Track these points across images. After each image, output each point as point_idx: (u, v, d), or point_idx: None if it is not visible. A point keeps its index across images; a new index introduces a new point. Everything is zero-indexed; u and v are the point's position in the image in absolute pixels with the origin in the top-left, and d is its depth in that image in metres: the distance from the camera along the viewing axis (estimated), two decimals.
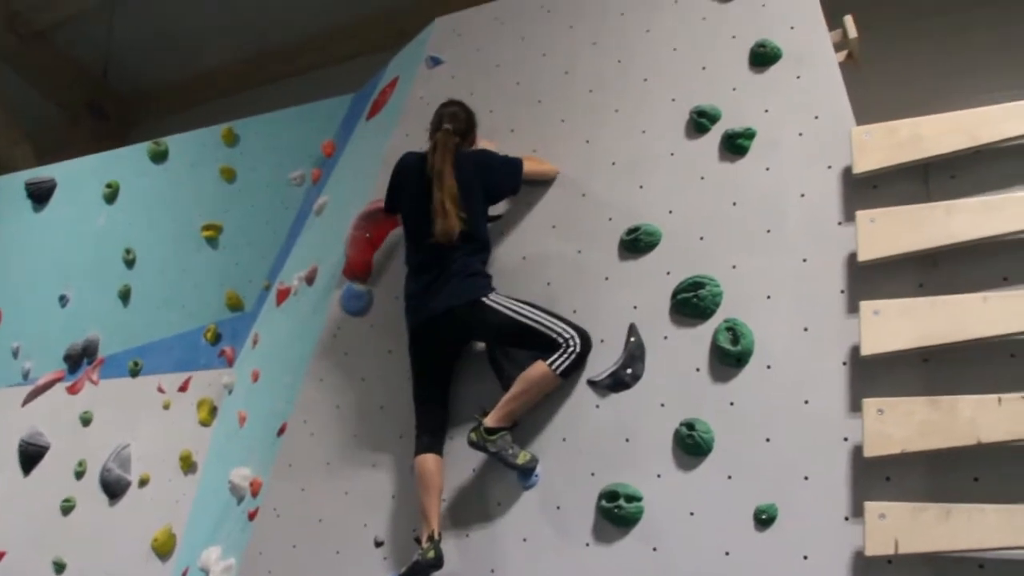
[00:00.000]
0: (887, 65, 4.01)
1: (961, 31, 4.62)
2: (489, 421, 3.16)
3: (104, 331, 5.45)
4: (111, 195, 5.74)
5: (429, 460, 3.33)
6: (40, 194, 5.94)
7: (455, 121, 3.56)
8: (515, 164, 3.52)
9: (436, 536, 3.16)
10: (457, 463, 3.42)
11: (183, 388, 5.07)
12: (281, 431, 4.00)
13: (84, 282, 5.59)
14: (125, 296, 5.47)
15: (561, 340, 3.19)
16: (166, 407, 5.05)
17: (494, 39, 4.12)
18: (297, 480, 3.79)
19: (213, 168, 5.52)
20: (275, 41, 8.52)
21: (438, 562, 3.11)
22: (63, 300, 5.59)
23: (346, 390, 3.85)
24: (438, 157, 3.43)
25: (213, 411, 4.92)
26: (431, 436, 3.40)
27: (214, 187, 5.50)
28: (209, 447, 4.77)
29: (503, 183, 3.51)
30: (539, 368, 3.17)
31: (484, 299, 3.30)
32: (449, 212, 3.31)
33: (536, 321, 3.23)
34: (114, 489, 4.86)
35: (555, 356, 3.17)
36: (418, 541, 3.22)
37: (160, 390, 5.11)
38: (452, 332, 3.40)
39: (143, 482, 4.84)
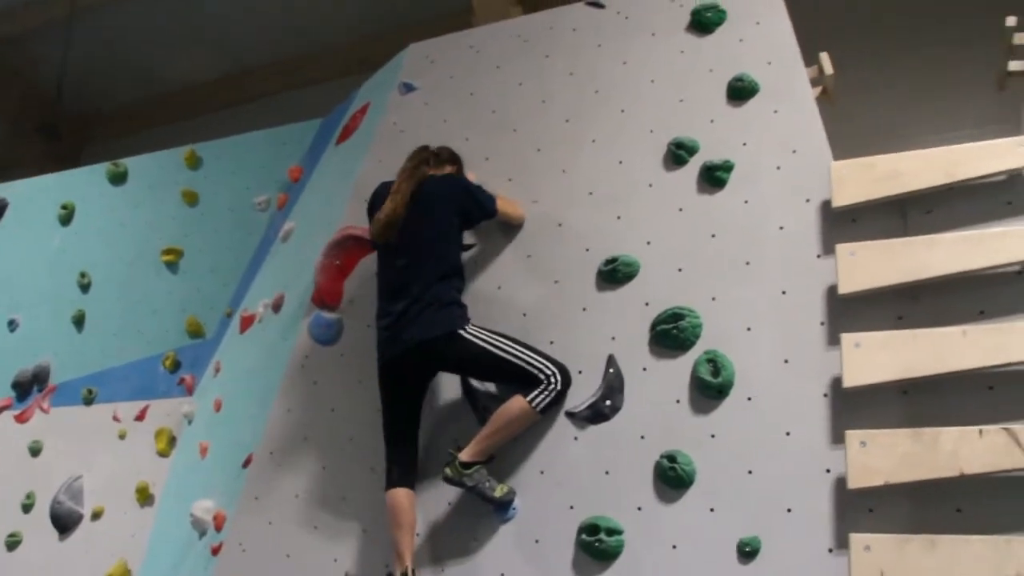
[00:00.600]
0: (859, 100, 4.09)
1: (932, 69, 4.75)
2: (464, 455, 3.10)
3: (56, 357, 5.28)
4: (66, 216, 5.58)
5: (401, 494, 3.24)
6: None
7: (436, 152, 3.55)
8: (488, 194, 3.47)
9: (410, 572, 3.08)
10: (431, 497, 3.35)
11: (140, 417, 4.94)
12: (247, 463, 3.88)
13: (36, 306, 5.40)
14: (79, 321, 5.31)
15: (542, 376, 3.14)
16: (122, 436, 4.91)
17: (469, 67, 4.10)
18: (264, 513, 3.67)
19: (174, 191, 5.41)
20: (236, 65, 8.45)
21: None
22: (12, 325, 5.40)
23: (315, 421, 3.76)
24: (402, 175, 3.42)
25: (172, 441, 4.79)
26: (403, 470, 3.31)
27: (175, 210, 5.39)
28: (168, 478, 4.63)
29: (477, 207, 3.42)
30: (518, 404, 3.11)
31: (461, 331, 3.22)
32: (395, 206, 3.29)
33: (516, 356, 3.17)
34: (65, 522, 4.69)
35: (535, 392, 3.11)
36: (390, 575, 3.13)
37: (115, 419, 4.96)
38: (426, 364, 3.32)
39: (96, 515, 4.69)
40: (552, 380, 3.14)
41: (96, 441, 4.94)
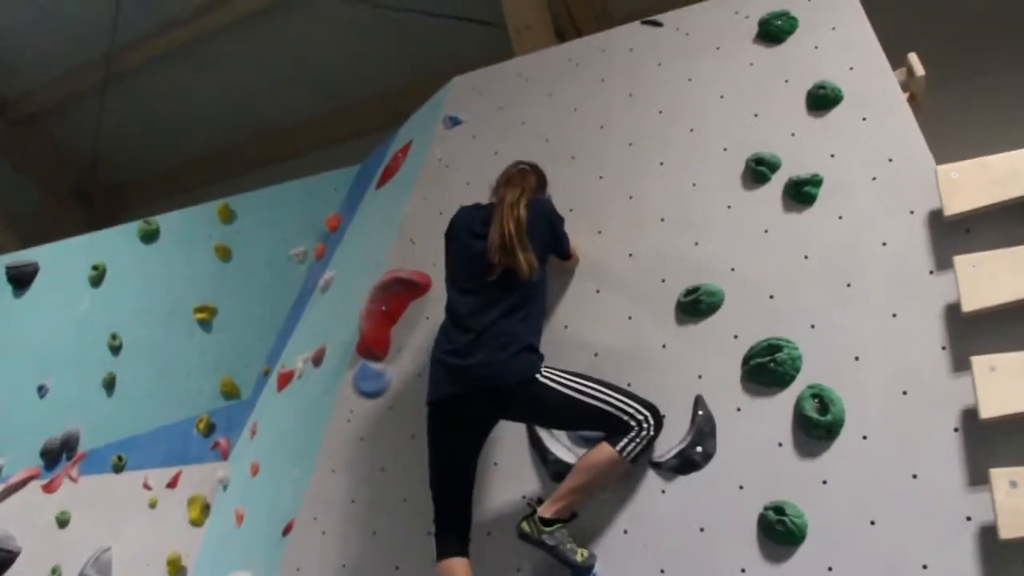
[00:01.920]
0: (947, 107, 3.76)
1: None
2: (545, 511, 2.71)
3: (86, 424, 5.00)
4: (97, 278, 5.36)
5: (457, 565, 2.81)
6: (21, 278, 5.54)
7: (527, 172, 3.19)
8: (564, 231, 3.14)
9: None
10: (494, 564, 2.96)
11: (172, 484, 4.62)
12: (287, 530, 3.54)
13: (65, 371, 5.15)
14: (109, 385, 5.04)
15: (633, 423, 2.76)
16: (152, 505, 4.60)
17: (518, 96, 3.85)
18: None
19: (207, 246, 5.18)
20: (265, 125, 8.35)
21: None
22: (41, 391, 5.13)
23: (363, 482, 3.41)
24: (511, 190, 3.00)
25: (206, 509, 4.46)
26: (456, 535, 2.88)
27: (208, 266, 5.15)
28: (201, 549, 4.29)
29: (555, 242, 3.07)
30: (606, 453, 2.72)
31: (537, 375, 2.82)
32: (520, 245, 2.83)
33: (602, 400, 2.77)
34: None
35: (626, 440, 2.73)
36: None
37: (146, 487, 4.65)
38: (492, 410, 2.90)
39: None
40: (644, 425, 2.76)
41: (126, 510, 4.63)
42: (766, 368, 2.78)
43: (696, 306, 3.00)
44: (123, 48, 7.33)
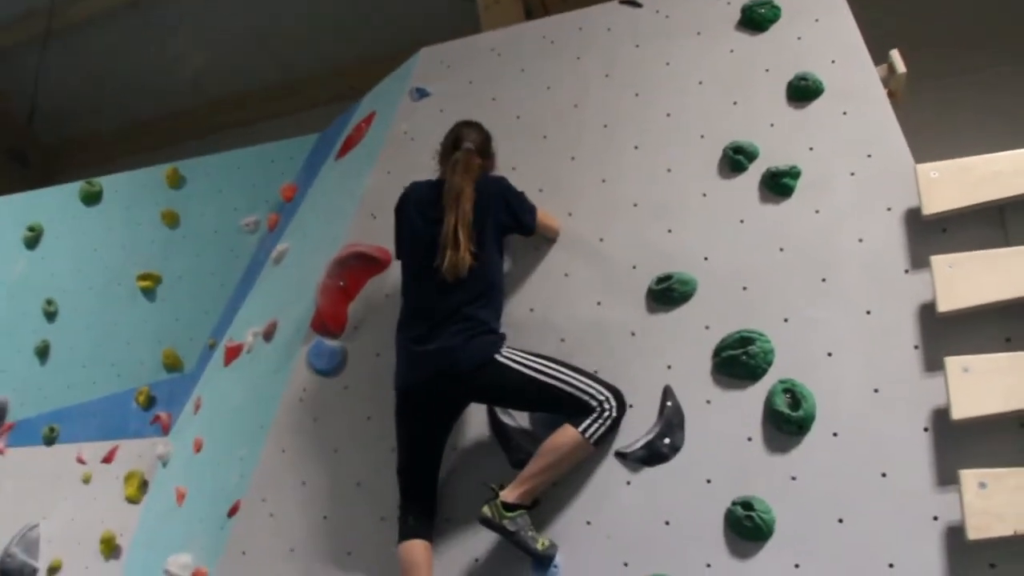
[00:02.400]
0: (926, 105, 3.76)
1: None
2: (508, 495, 2.64)
3: (15, 392, 4.79)
4: (33, 239, 5.11)
5: (417, 547, 2.78)
6: None
7: (475, 142, 3.09)
8: (531, 204, 3.07)
9: None
10: (451, 550, 2.88)
11: (108, 459, 4.44)
12: (233, 511, 3.40)
13: None
14: (43, 353, 4.82)
15: (595, 403, 2.71)
16: (86, 480, 4.42)
17: (490, 71, 3.73)
18: (253, 570, 3.19)
19: (153, 212, 4.96)
20: (216, 93, 8.05)
21: None
22: None
23: (315, 463, 3.28)
24: (458, 177, 2.93)
25: (144, 486, 4.28)
26: (419, 518, 2.85)
27: (154, 233, 4.93)
28: (137, 528, 4.11)
29: (515, 220, 3.00)
30: (569, 435, 2.67)
31: (497, 356, 2.78)
32: (461, 243, 2.80)
33: (563, 380, 2.73)
34: None
35: (588, 421, 2.68)
36: None
37: (80, 461, 4.47)
38: (455, 395, 2.87)
39: (53, 570, 4.17)
40: (607, 406, 2.72)
41: (57, 485, 4.44)
42: (738, 360, 2.74)
43: (668, 294, 2.93)
44: (68, 1, 6.97)
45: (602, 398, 2.72)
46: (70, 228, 5.07)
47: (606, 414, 2.70)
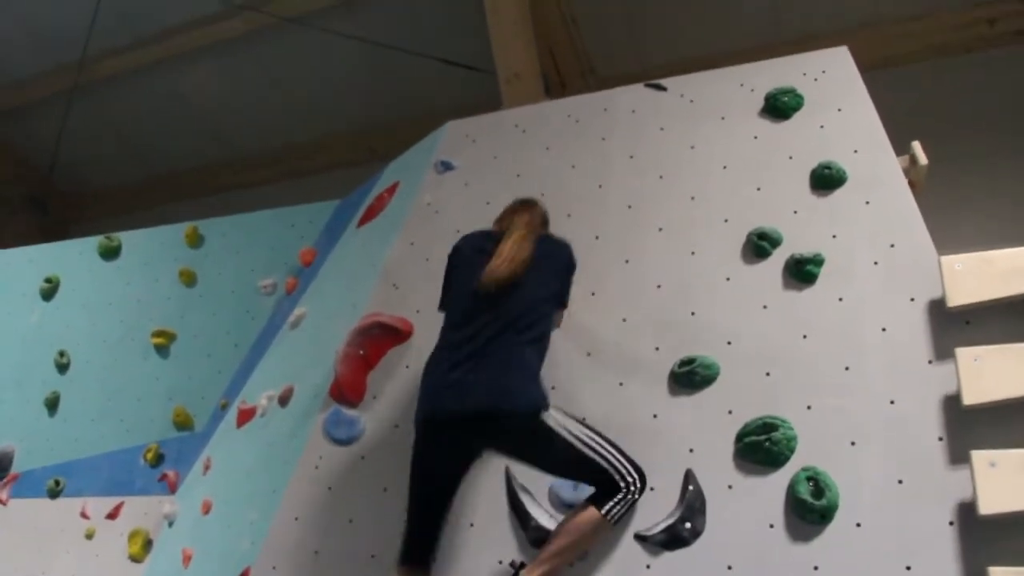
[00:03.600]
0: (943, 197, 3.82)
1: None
2: (529, 575, 2.61)
3: (22, 442, 4.78)
4: (49, 291, 5.14)
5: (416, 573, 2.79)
6: None
7: (540, 213, 3.16)
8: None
9: None
10: None
11: (112, 515, 4.43)
12: None
13: (5, 384, 4.92)
14: (52, 404, 4.83)
15: (623, 483, 2.68)
16: (89, 536, 4.40)
17: (515, 147, 3.80)
18: None
19: (171, 269, 5.01)
20: (236, 152, 8.18)
21: None
22: None
23: (329, 533, 3.25)
24: (518, 220, 2.99)
25: (148, 544, 4.27)
26: (423, 546, 2.81)
27: (170, 290, 4.97)
28: None
29: (566, 290, 3.02)
30: (590, 515, 2.65)
31: (544, 415, 2.67)
32: (511, 257, 2.79)
33: (600, 453, 2.69)
34: None
35: (612, 503, 2.66)
36: None
37: (84, 515, 4.46)
38: (489, 437, 2.73)
39: None
40: (632, 488, 2.69)
41: (59, 540, 4.42)
42: (760, 447, 2.73)
43: (691, 378, 2.94)
44: (95, 58, 7.12)
45: (631, 479, 2.69)
46: (87, 281, 5.12)
47: (630, 496, 2.68)
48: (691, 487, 2.77)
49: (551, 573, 2.64)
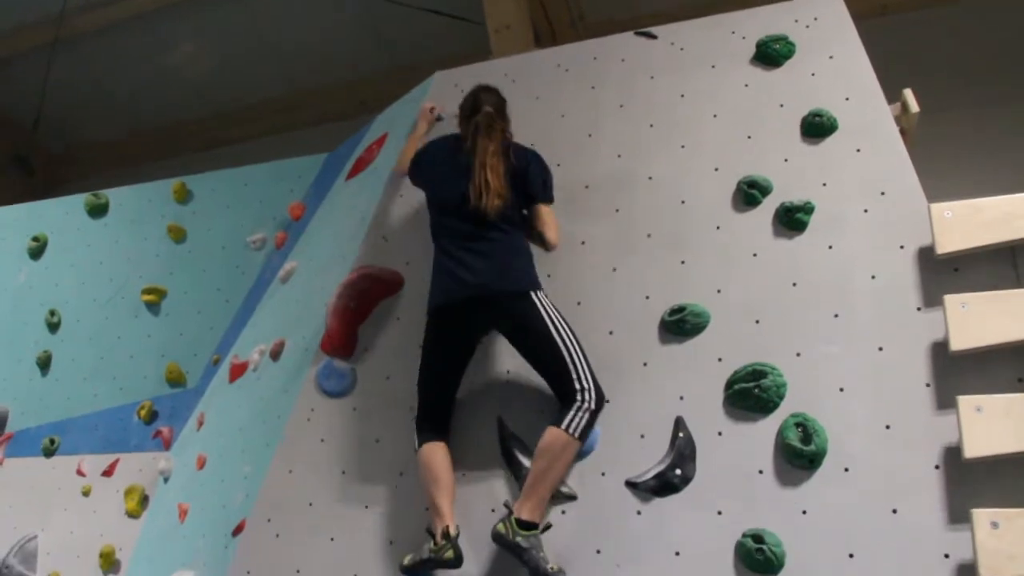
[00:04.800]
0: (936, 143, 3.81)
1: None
2: (521, 511, 2.67)
3: (15, 402, 4.79)
4: (37, 249, 5.10)
5: (438, 450, 2.95)
6: None
7: (494, 105, 3.23)
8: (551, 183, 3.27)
9: (452, 532, 2.74)
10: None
11: (108, 472, 4.43)
12: (238, 530, 3.38)
13: None
14: (44, 364, 4.81)
15: (578, 387, 2.80)
16: (86, 493, 4.42)
17: (504, 97, 3.75)
18: None
19: (160, 226, 4.96)
20: (223, 106, 8.07)
21: (457, 561, 2.72)
22: None
23: (322, 484, 3.27)
24: (483, 136, 3.11)
25: (144, 500, 4.28)
26: (438, 425, 3.03)
27: (159, 247, 4.93)
28: (138, 543, 4.10)
29: (548, 186, 3.22)
30: (556, 436, 2.75)
31: (533, 294, 2.92)
32: (498, 192, 2.98)
33: (569, 350, 2.86)
34: None
35: (568, 419, 2.76)
36: (431, 534, 2.82)
37: (80, 473, 4.47)
38: (489, 318, 3.01)
39: None
40: (586, 397, 2.80)
41: (55, 497, 4.44)
42: (750, 393, 2.76)
43: (681, 326, 2.96)
44: (76, 10, 6.99)
45: (586, 386, 2.81)
46: (75, 240, 5.07)
47: (584, 406, 2.78)
48: (681, 434, 2.80)
49: (540, 504, 2.71)
